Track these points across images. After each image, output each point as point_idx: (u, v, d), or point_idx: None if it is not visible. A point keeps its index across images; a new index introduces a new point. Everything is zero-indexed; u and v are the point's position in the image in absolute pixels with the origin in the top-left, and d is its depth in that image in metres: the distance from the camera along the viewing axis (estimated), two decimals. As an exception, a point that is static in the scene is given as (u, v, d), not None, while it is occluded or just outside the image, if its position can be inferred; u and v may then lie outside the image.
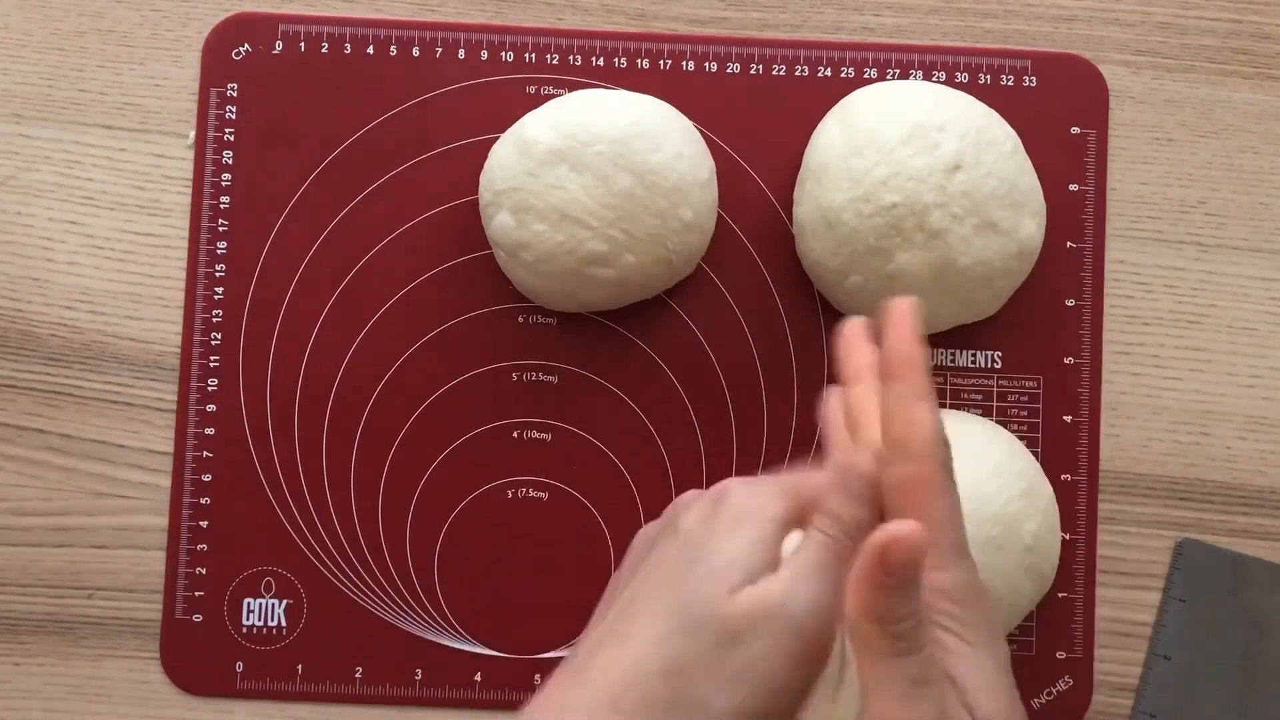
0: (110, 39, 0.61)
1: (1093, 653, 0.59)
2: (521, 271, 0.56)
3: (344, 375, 0.59)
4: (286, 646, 0.59)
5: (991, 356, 0.60)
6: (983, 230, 0.54)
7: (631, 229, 0.54)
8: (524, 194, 0.55)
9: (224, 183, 0.60)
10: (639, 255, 0.55)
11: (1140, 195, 0.61)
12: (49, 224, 0.60)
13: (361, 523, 0.59)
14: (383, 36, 0.60)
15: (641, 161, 0.54)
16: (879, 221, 0.54)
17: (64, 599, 0.59)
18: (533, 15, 0.61)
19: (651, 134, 0.55)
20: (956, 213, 0.54)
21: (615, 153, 0.54)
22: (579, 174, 0.54)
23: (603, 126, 0.55)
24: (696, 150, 0.56)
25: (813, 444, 0.59)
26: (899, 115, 0.55)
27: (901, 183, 0.54)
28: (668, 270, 0.56)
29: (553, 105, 0.57)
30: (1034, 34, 0.61)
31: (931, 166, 0.54)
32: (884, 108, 0.56)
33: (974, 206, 0.54)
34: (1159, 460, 0.60)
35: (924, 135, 0.54)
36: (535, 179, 0.54)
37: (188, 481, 0.59)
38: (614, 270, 0.55)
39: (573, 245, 0.54)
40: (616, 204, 0.54)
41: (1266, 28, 0.61)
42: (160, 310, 0.60)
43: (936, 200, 0.53)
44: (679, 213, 0.55)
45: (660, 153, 0.55)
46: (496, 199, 0.56)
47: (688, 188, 0.55)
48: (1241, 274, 0.61)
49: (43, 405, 0.60)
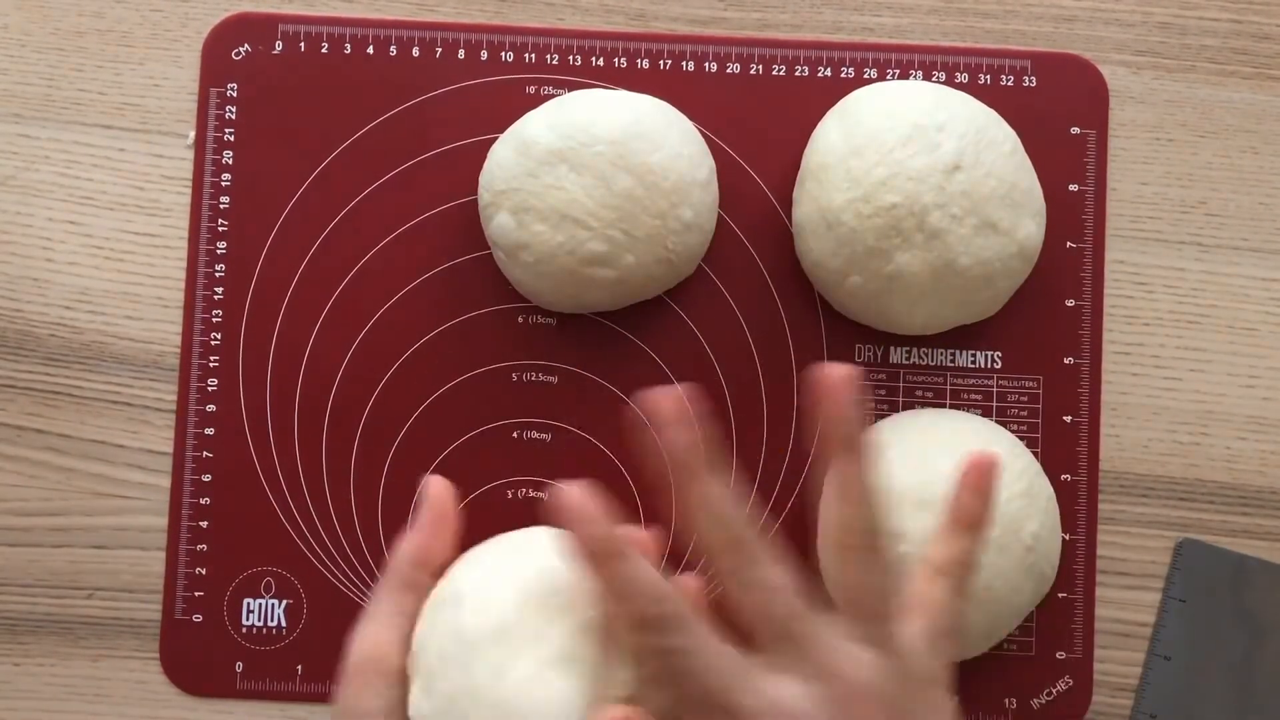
0: (110, 39, 0.61)
1: (1093, 653, 0.59)
2: (521, 272, 0.56)
3: (344, 375, 0.59)
4: (286, 646, 0.59)
5: (991, 356, 0.60)
6: (982, 230, 0.54)
7: (631, 229, 0.54)
8: (523, 194, 0.55)
9: (224, 183, 0.60)
10: (639, 255, 0.55)
11: (1140, 195, 0.61)
12: (49, 224, 0.60)
13: (361, 523, 0.59)
14: (383, 36, 0.60)
15: (641, 162, 0.54)
16: (878, 222, 0.54)
17: (64, 599, 0.59)
18: (533, 15, 0.61)
19: (651, 134, 0.55)
20: (956, 213, 0.54)
21: (615, 153, 0.54)
22: (579, 174, 0.54)
23: (602, 127, 0.55)
24: (696, 150, 0.56)
25: (811, 444, 0.59)
26: (898, 115, 0.55)
27: (901, 183, 0.54)
28: (668, 270, 0.56)
29: (552, 105, 0.56)
30: (1034, 34, 0.61)
31: (931, 167, 0.54)
32: (883, 108, 0.56)
33: (974, 207, 0.54)
34: (1159, 460, 0.60)
35: (923, 135, 0.54)
36: (535, 179, 0.54)
37: (188, 481, 0.59)
38: (614, 271, 0.55)
39: (573, 246, 0.54)
40: (616, 204, 0.54)
41: (1266, 28, 0.61)
42: (160, 310, 0.60)
43: (936, 200, 0.53)
44: (679, 213, 0.55)
45: (660, 153, 0.55)
46: (496, 199, 0.55)
47: (688, 188, 0.55)
48: (1241, 274, 0.61)
49: (42, 405, 0.60)
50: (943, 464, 0.54)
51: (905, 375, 0.60)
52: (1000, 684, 0.59)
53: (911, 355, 0.60)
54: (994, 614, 0.54)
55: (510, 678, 0.39)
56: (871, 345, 0.60)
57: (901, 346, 0.60)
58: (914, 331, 0.57)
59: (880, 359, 0.60)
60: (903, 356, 0.60)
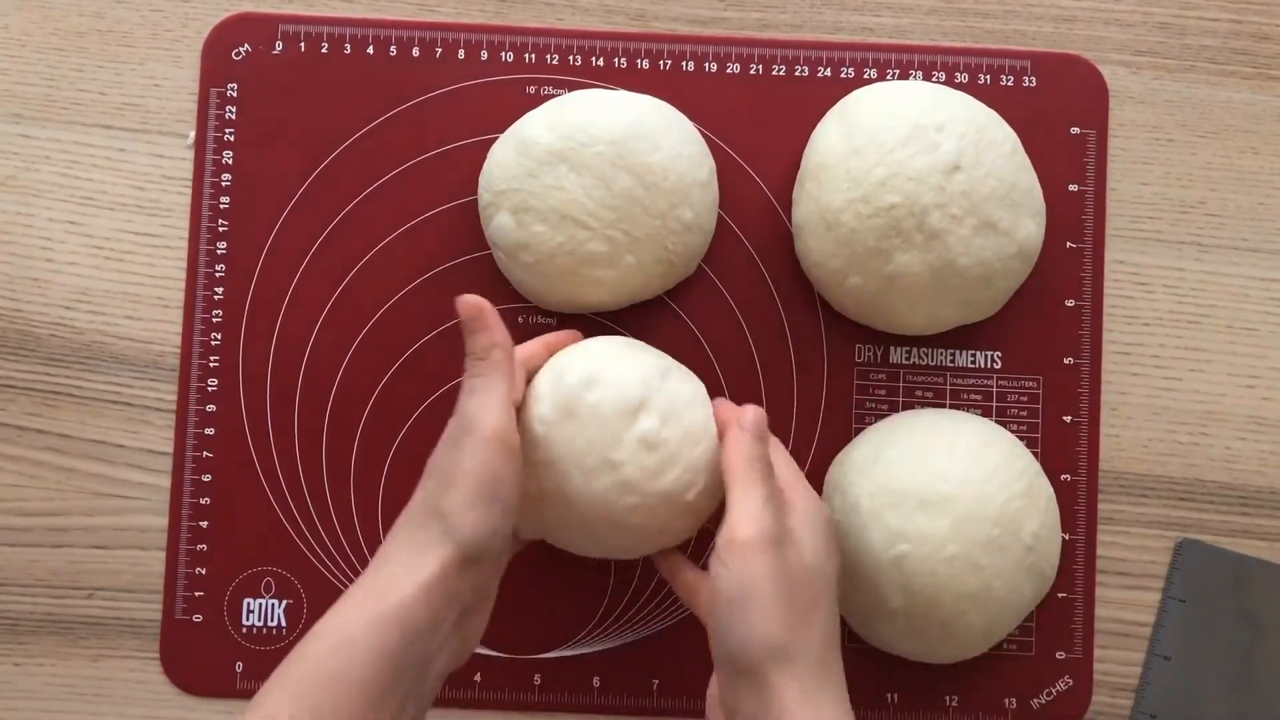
0: (110, 39, 0.61)
1: (1092, 653, 0.59)
2: (521, 272, 0.56)
3: (344, 375, 0.59)
4: (286, 647, 0.59)
5: (991, 356, 0.60)
6: (982, 230, 0.54)
7: (632, 230, 0.54)
8: (523, 195, 0.55)
9: (224, 183, 0.60)
10: (639, 256, 0.55)
11: (1140, 195, 0.61)
12: (49, 224, 0.60)
13: (361, 523, 0.59)
14: (383, 36, 0.60)
15: (641, 162, 0.54)
16: (878, 222, 0.54)
17: (64, 599, 0.59)
18: (533, 15, 0.61)
19: (651, 134, 0.55)
20: (956, 213, 0.54)
21: (615, 153, 0.54)
22: (579, 175, 0.54)
23: (602, 127, 0.54)
24: (696, 150, 0.56)
25: (812, 443, 0.59)
26: (898, 115, 0.55)
27: (901, 183, 0.54)
28: (668, 271, 0.56)
29: (552, 105, 0.56)
30: (1034, 34, 0.61)
31: (931, 167, 0.54)
32: (883, 108, 0.56)
33: (973, 207, 0.54)
34: (1159, 460, 0.60)
35: (923, 135, 0.54)
36: (535, 179, 0.54)
37: (188, 481, 0.59)
38: (614, 271, 0.55)
39: (572, 246, 0.54)
40: (616, 205, 0.54)
41: (1266, 28, 0.61)
42: (160, 310, 0.60)
43: (936, 201, 0.53)
44: (679, 213, 0.55)
45: (660, 153, 0.55)
46: (496, 199, 0.55)
47: (687, 188, 0.55)
48: (1241, 274, 0.61)
49: (42, 405, 0.60)
50: (942, 464, 0.54)
51: (905, 375, 0.60)
52: (1000, 684, 0.59)
53: (911, 355, 0.60)
54: (994, 614, 0.54)
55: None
56: (871, 345, 0.60)
57: (901, 346, 0.60)
58: (914, 331, 0.57)
59: (880, 359, 0.60)
60: (903, 356, 0.60)
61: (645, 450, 0.49)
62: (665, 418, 0.50)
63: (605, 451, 0.49)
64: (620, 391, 0.50)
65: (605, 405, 0.50)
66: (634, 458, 0.49)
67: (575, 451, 0.49)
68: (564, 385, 0.50)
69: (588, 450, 0.49)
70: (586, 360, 0.51)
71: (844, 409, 0.60)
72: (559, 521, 0.51)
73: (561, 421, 0.50)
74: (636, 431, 0.49)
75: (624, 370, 0.51)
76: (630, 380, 0.50)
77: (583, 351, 0.52)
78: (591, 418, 0.49)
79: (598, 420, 0.49)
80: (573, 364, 0.51)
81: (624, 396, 0.50)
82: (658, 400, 0.50)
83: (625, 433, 0.49)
